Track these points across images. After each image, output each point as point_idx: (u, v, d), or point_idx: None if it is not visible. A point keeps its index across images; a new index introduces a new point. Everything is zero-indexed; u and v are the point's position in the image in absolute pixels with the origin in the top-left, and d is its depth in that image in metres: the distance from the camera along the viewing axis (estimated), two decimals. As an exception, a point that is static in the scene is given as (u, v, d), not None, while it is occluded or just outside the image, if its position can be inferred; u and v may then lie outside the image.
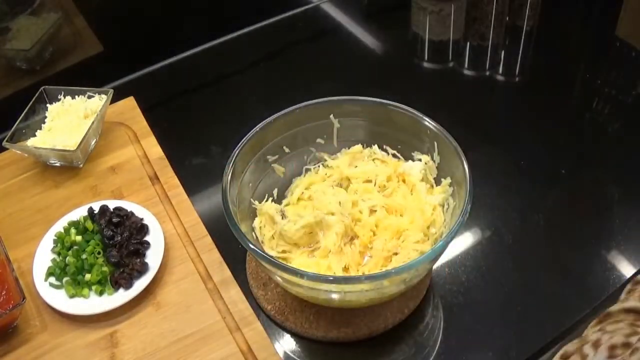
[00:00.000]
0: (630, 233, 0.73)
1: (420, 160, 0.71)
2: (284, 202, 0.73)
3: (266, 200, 0.71)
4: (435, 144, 0.68)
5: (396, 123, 0.70)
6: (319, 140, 0.73)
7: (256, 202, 0.70)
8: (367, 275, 0.58)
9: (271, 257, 0.57)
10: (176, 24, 1.08)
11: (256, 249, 0.58)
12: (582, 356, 0.53)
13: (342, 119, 0.72)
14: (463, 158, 0.63)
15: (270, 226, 0.68)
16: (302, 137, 0.73)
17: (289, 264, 0.57)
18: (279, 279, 0.61)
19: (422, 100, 0.74)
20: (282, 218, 0.69)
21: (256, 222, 0.69)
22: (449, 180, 0.67)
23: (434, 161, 0.69)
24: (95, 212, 0.76)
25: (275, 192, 0.73)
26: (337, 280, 0.58)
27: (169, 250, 0.74)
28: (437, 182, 0.70)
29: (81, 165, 0.86)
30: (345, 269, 0.64)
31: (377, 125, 0.72)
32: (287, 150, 0.72)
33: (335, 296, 0.60)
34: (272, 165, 0.72)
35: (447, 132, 0.66)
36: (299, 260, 0.66)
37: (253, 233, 0.68)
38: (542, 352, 0.65)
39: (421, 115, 0.67)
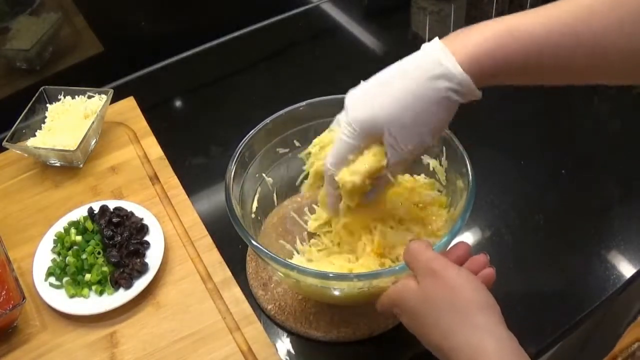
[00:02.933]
0: (630, 233, 0.73)
1: (428, 163, 0.70)
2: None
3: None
4: (444, 148, 0.67)
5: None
6: None
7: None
8: (357, 274, 0.57)
9: (271, 252, 0.57)
10: (176, 24, 1.08)
11: (258, 245, 0.58)
12: None
13: None
14: (468, 161, 0.62)
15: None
16: (314, 133, 0.72)
17: (288, 260, 0.56)
18: (280, 274, 0.61)
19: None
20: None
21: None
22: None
23: (442, 166, 0.68)
24: (95, 212, 0.76)
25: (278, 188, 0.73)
26: (335, 277, 0.58)
27: (169, 250, 0.74)
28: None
29: (81, 165, 0.86)
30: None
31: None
32: (297, 144, 0.72)
33: (337, 292, 0.60)
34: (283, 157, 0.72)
35: (454, 135, 0.64)
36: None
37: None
38: (542, 352, 0.65)
39: None
